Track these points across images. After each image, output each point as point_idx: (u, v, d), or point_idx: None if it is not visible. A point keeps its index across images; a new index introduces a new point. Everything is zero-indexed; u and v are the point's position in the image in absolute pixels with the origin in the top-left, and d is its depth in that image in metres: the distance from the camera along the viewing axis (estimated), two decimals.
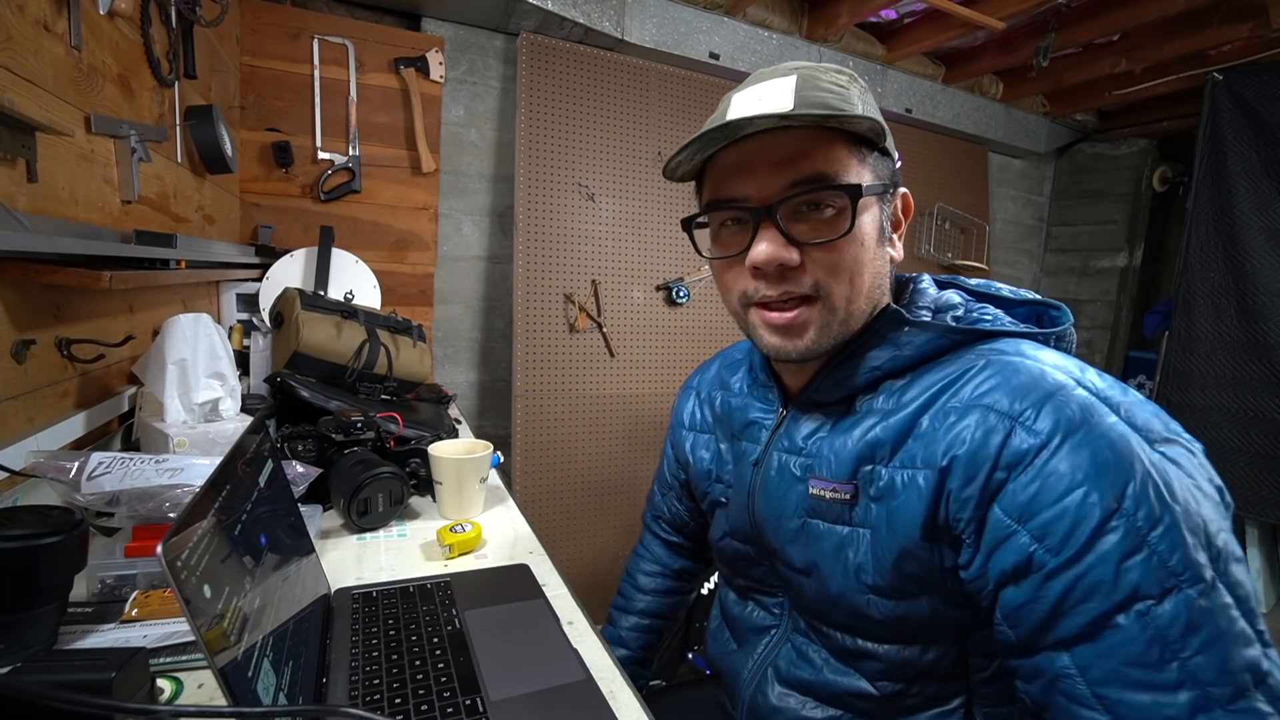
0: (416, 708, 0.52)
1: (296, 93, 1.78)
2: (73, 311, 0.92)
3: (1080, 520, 0.45)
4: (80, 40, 0.89)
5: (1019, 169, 3.24)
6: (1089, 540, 0.44)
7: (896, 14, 2.27)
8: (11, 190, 0.75)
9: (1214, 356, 2.47)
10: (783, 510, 0.62)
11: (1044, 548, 0.46)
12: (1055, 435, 0.47)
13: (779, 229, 0.55)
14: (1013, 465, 0.48)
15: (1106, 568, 0.44)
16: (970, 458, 0.49)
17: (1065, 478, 0.45)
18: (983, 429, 0.49)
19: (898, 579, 0.54)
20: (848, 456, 0.57)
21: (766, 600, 0.69)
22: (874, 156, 0.57)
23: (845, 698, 0.60)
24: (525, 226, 1.98)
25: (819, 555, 0.59)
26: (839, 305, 0.56)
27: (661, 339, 2.22)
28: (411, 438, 1.06)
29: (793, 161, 0.55)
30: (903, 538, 0.53)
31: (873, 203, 0.57)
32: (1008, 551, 0.47)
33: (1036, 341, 0.57)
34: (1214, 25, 2.06)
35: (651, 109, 2.15)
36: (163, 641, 0.57)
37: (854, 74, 0.59)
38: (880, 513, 0.55)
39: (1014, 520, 0.47)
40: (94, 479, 0.69)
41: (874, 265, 0.57)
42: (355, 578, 0.75)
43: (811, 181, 0.54)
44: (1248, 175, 2.36)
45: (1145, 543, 0.43)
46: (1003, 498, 0.48)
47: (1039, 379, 0.50)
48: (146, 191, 1.11)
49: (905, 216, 0.62)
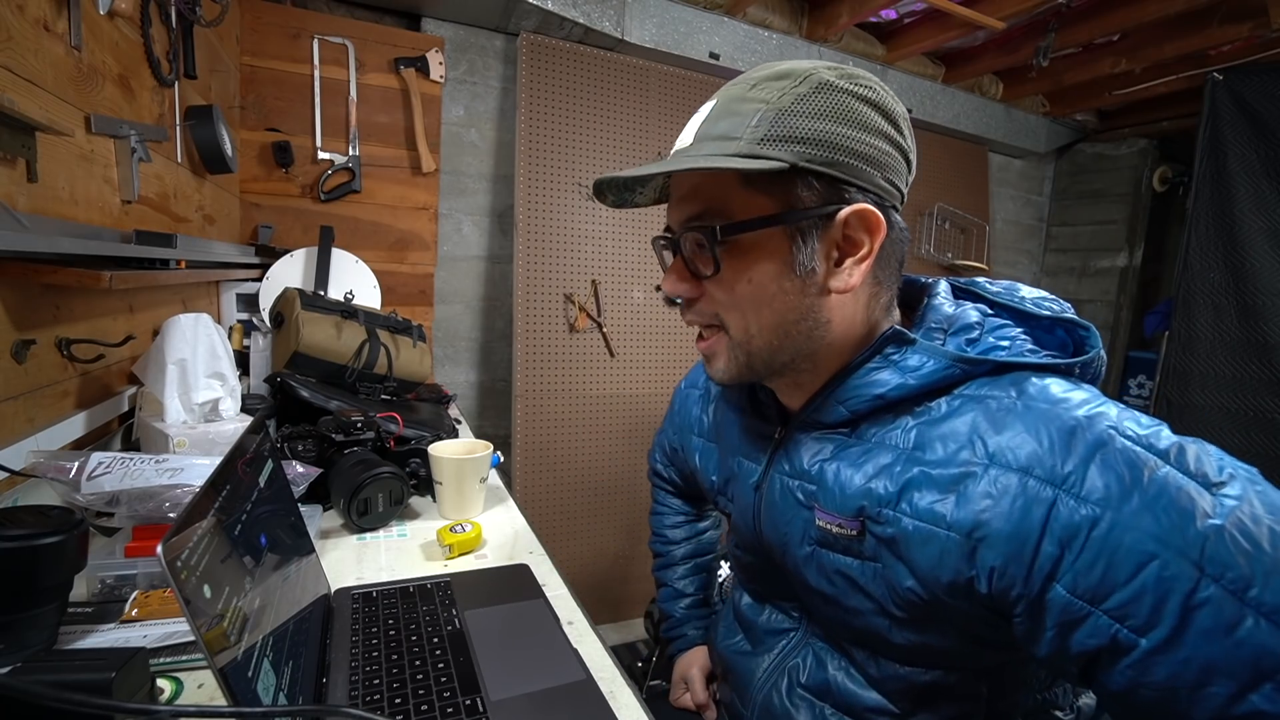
0: (416, 708, 0.52)
1: (296, 93, 1.78)
2: (73, 311, 0.92)
3: (1164, 596, 0.40)
4: (80, 40, 0.89)
5: (1019, 169, 3.24)
6: (1181, 617, 0.39)
7: (896, 14, 2.27)
8: (11, 190, 0.75)
9: (1214, 356, 2.47)
10: (789, 537, 0.59)
11: (1128, 629, 0.41)
12: (1109, 503, 0.42)
13: (684, 261, 0.56)
14: (1067, 541, 0.43)
15: (1215, 645, 0.39)
16: (1011, 533, 0.44)
17: (1134, 550, 0.41)
18: (1022, 498, 0.44)
19: (918, 612, 0.52)
20: (854, 492, 0.53)
21: (785, 605, 0.67)
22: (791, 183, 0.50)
23: (862, 711, 0.58)
24: (525, 226, 1.98)
25: (834, 581, 0.57)
26: (738, 337, 0.55)
27: (661, 339, 2.22)
28: (411, 438, 1.06)
29: (689, 196, 0.55)
30: (923, 586, 0.50)
31: (774, 236, 0.51)
32: (1087, 634, 0.43)
33: (1061, 375, 0.51)
34: (1214, 25, 2.06)
35: (651, 109, 2.15)
36: (163, 641, 0.57)
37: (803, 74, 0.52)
38: (893, 555, 0.51)
39: (1085, 602, 0.42)
40: (94, 479, 0.69)
41: (783, 300, 0.53)
42: (355, 578, 0.75)
43: (695, 218, 0.54)
44: (1248, 175, 2.36)
45: (1245, 606, 0.38)
46: (1062, 577, 0.43)
47: (1076, 434, 0.45)
48: (146, 191, 1.11)
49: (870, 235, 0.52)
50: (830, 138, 0.50)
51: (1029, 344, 0.54)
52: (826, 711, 0.60)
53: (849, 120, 0.51)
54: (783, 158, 0.49)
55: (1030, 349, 0.53)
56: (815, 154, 0.50)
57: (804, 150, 0.49)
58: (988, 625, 0.49)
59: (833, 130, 0.50)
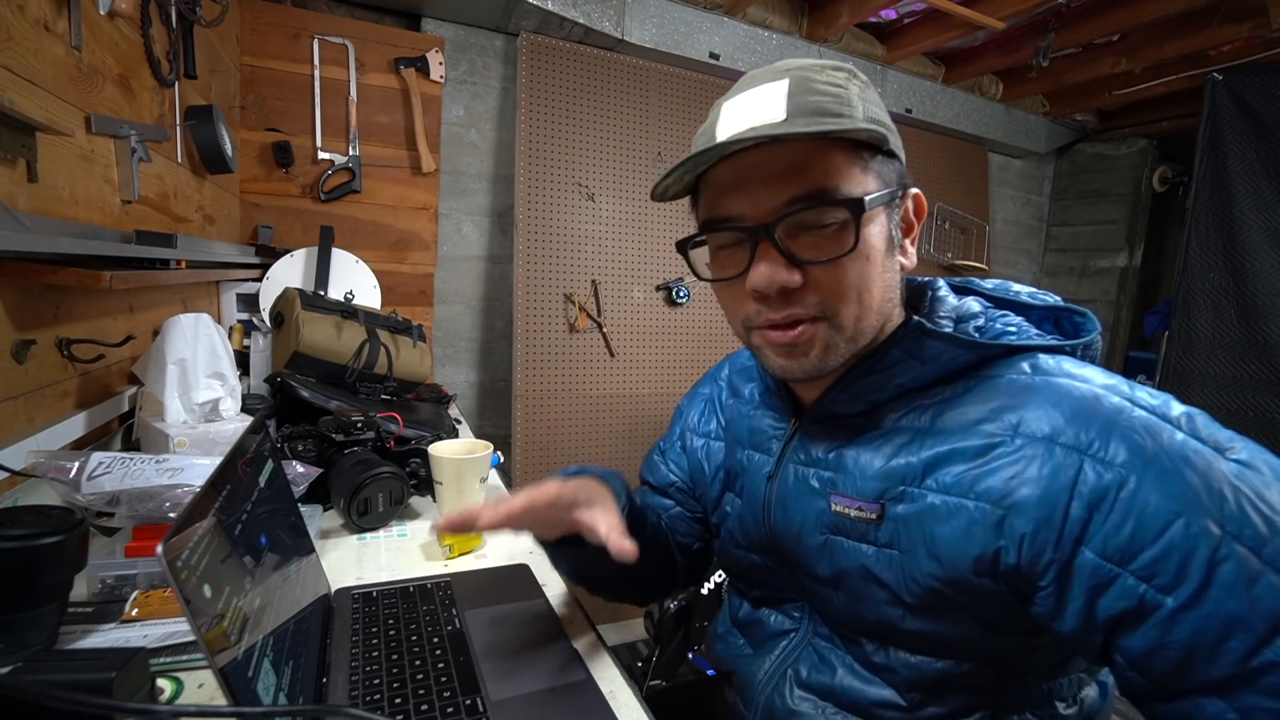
0: (416, 708, 0.52)
1: (296, 93, 1.78)
2: (73, 311, 0.92)
3: (1190, 555, 0.41)
4: (80, 40, 0.89)
5: (1019, 169, 3.24)
6: (1207, 573, 0.41)
7: (896, 14, 2.27)
8: (11, 190, 0.75)
9: (1214, 356, 2.47)
10: (803, 526, 0.59)
11: (1155, 588, 0.42)
12: (1134, 465, 0.44)
13: (779, 249, 0.51)
14: (1095, 503, 0.44)
15: (1237, 600, 0.40)
16: (1041, 498, 0.46)
17: (1160, 510, 0.42)
18: (1050, 465, 0.46)
19: (933, 600, 0.52)
20: (875, 474, 0.54)
21: (786, 607, 0.66)
22: (878, 160, 0.53)
23: (868, 707, 0.58)
24: (525, 226, 1.98)
25: (845, 571, 0.56)
26: (847, 325, 0.53)
27: (661, 339, 2.22)
28: (411, 438, 1.06)
29: (789, 176, 0.51)
30: (946, 566, 0.50)
31: (879, 212, 0.53)
32: (1114, 597, 0.44)
33: (1067, 354, 0.54)
34: (1214, 25, 2.06)
35: (651, 109, 2.15)
36: (163, 641, 0.57)
37: (852, 69, 0.55)
38: (914, 535, 0.52)
39: (1114, 564, 0.44)
40: (94, 479, 0.69)
41: (883, 279, 0.54)
42: (355, 578, 0.75)
43: (810, 198, 0.50)
44: (1248, 175, 2.36)
45: (1263, 563, 0.40)
46: (1092, 540, 0.44)
47: (1096, 403, 0.47)
48: (146, 191, 1.11)
49: (918, 218, 0.57)
50: (893, 127, 0.54)
51: (1034, 329, 0.56)
52: (830, 711, 0.60)
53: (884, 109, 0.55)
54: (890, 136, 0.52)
55: (1036, 333, 0.56)
56: (896, 140, 0.54)
57: (888, 135, 0.52)
58: (1003, 609, 0.50)
59: (890, 122, 0.54)
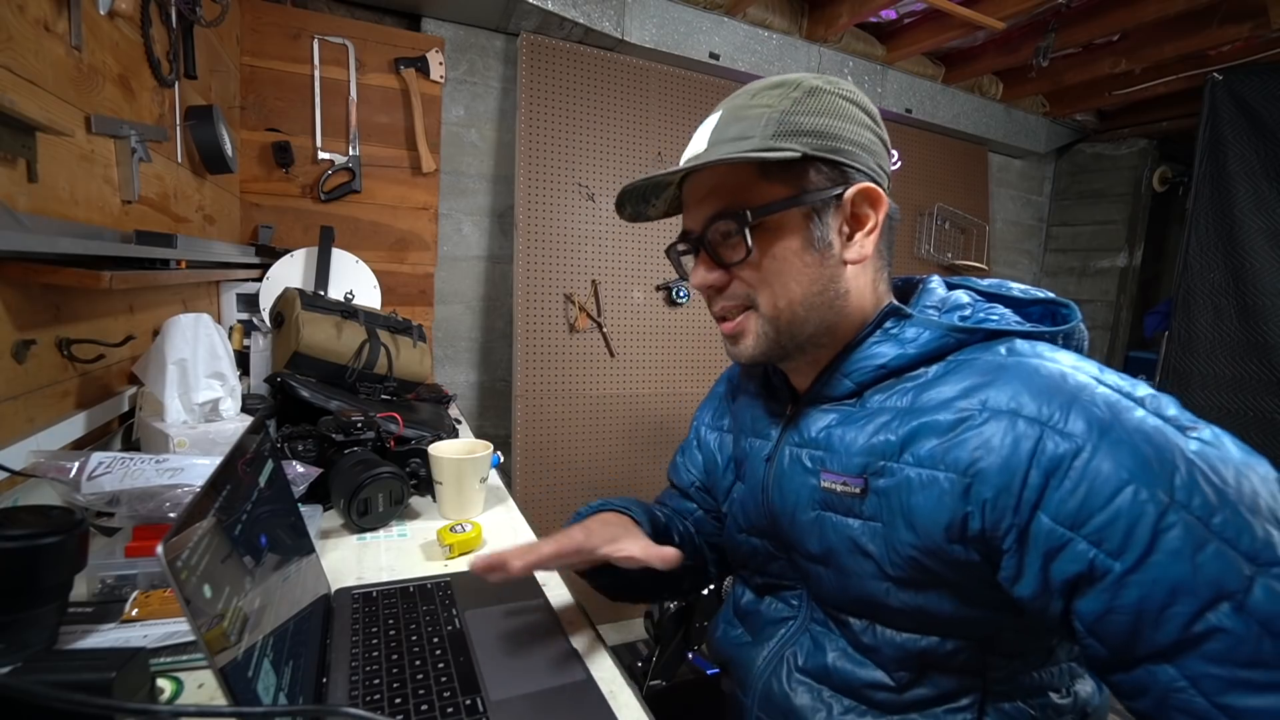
0: (416, 708, 0.52)
1: (296, 93, 1.78)
2: (73, 311, 0.92)
3: (1137, 519, 0.44)
4: (80, 40, 0.89)
5: (1019, 169, 3.24)
6: (1151, 539, 0.43)
7: (896, 14, 2.27)
8: (11, 190, 0.75)
9: (1214, 357, 2.47)
10: (797, 503, 0.63)
11: (1104, 552, 0.45)
12: (1090, 436, 0.46)
13: (710, 255, 0.62)
14: (1051, 471, 0.47)
15: (1181, 566, 0.42)
16: (1002, 466, 0.49)
17: (1111, 478, 0.45)
18: (1011, 435, 0.49)
19: (917, 570, 0.54)
20: (858, 450, 0.58)
21: (785, 594, 0.70)
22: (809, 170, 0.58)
23: (860, 688, 0.60)
24: (525, 226, 1.98)
25: (834, 546, 0.60)
26: (768, 312, 0.61)
27: (661, 339, 2.22)
28: (411, 438, 1.06)
29: (709, 197, 0.61)
30: (922, 535, 0.53)
31: (794, 216, 0.58)
32: (1066, 560, 0.46)
33: (1047, 341, 0.57)
34: (1214, 25, 2.06)
35: (651, 109, 2.15)
36: (163, 641, 0.57)
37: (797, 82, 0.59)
38: (894, 507, 0.55)
39: (1066, 528, 0.46)
40: (94, 479, 0.69)
41: (807, 273, 0.59)
42: (355, 578, 0.75)
43: (718, 215, 0.60)
44: (1248, 175, 2.36)
45: (1210, 532, 0.42)
46: (1047, 505, 0.47)
47: (1061, 381, 0.50)
48: (147, 191, 1.11)
49: (875, 209, 0.59)
50: (830, 130, 0.58)
51: (1016, 317, 0.60)
52: (825, 693, 0.62)
53: (841, 115, 0.59)
54: (794, 149, 0.56)
55: (1017, 320, 0.60)
56: (820, 144, 0.57)
57: (810, 141, 0.57)
58: (979, 580, 0.53)
59: (830, 124, 0.58)
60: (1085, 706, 0.61)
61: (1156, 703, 0.45)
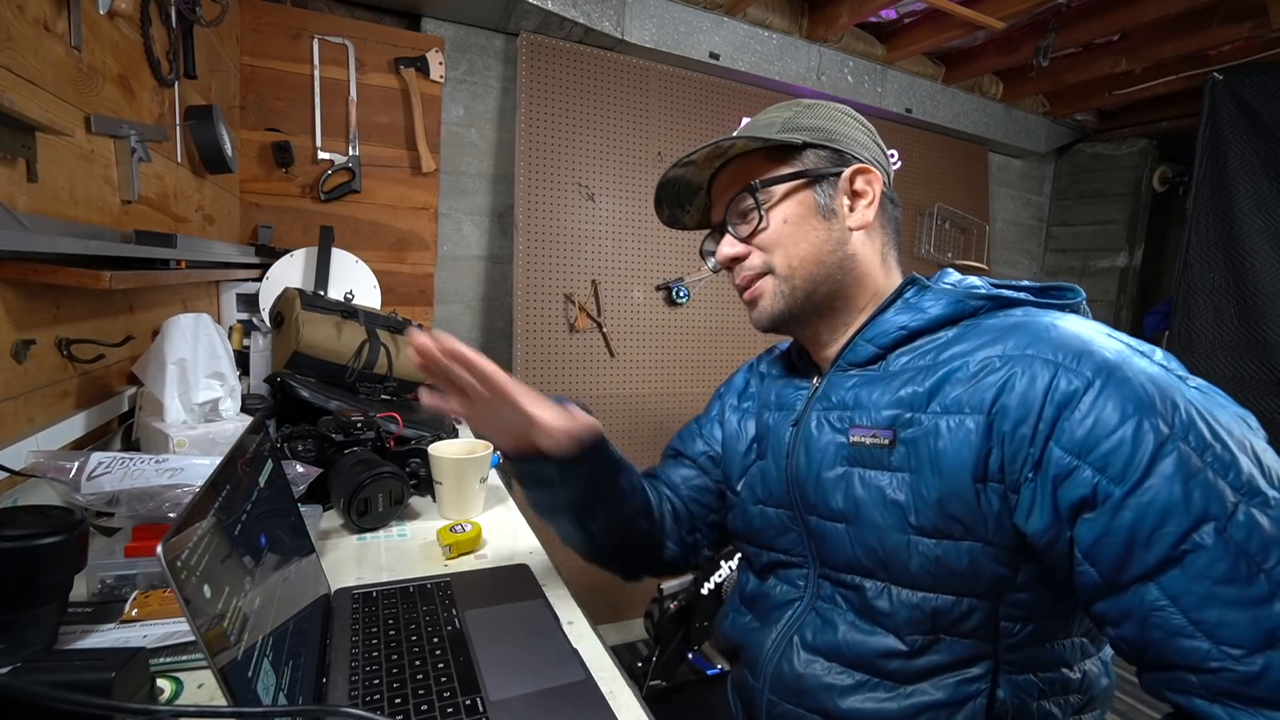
0: (416, 708, 0.52)
1: (296, 93, 1.78)
2: (73, 311, 0.92)
3: (1137, 447, 0.48)
4: (80, 40, 0.89)
5: (1019, 169, 3.24)
6: (1149, 465, 0.47)
7: (896, 14, 2.27)
8: (11, 190, 0.75)
9: (1214, 356, 2.47)
10: (823, 462, 0.65)
11: (1107, 478, 0.49)
12: (1099, 375, 0.51)
13: (730, 233, 0.70)
14: (1063, 405, 0.51)
15: (1173, 489, 0.46)
16: (1020, 400, 0.53)
17: (1116, 411, 0.49)
18: (1028, 374, 0.54)
19: (941, 519, 0.57)
20: (886, 403, 0.62)
21: (791, 574, 0.71)
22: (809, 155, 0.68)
23: (872, 659, 0.61)
24: (525, 226, 1.98)
25: (861, 499, 0.62)
26: (783, 271, 0.68)
27: (661, 339, 2.22)
28: (411, 438, 1.06)
29: (730, 186, 0.71)
30: (950, 479, 0.56)
31: (799, 188, 0.67)
32: (1073, 486, 0.50)
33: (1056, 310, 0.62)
34: (1214, 25, 2.06)
35: (651, 109, 2.15)
36: (163, 641, 0.57)
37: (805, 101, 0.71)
38: (922, 455, 0.58)
39: (1074, 456, 0.50)
40: (94, 479, 0.69)
41: (813, 235, 0.67)
42: (355, 578, 0.75)
43: (734, 197, 0.69)
44: (1248, 175, 2.36)
45: (1203, 463, 0.47)
46: (1059, 436, 0.51)
47: (1074, 335, 0.55)
48: (146, 191, 1.11)
49: (871, 185, 0.68)
50: (827, 128, 0.69)
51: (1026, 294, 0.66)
52: (836, 669, 0.63)
53: (836, 120, 0.70)
54: (796, 138, 0.67)
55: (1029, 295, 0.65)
56: (818, 136, 0.68)
57: (810, 134, 0.68)
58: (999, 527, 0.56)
59: (827, 124, 0.69)
60: (1093, 686, 0.62)
61: (1139, 625, 0.49)
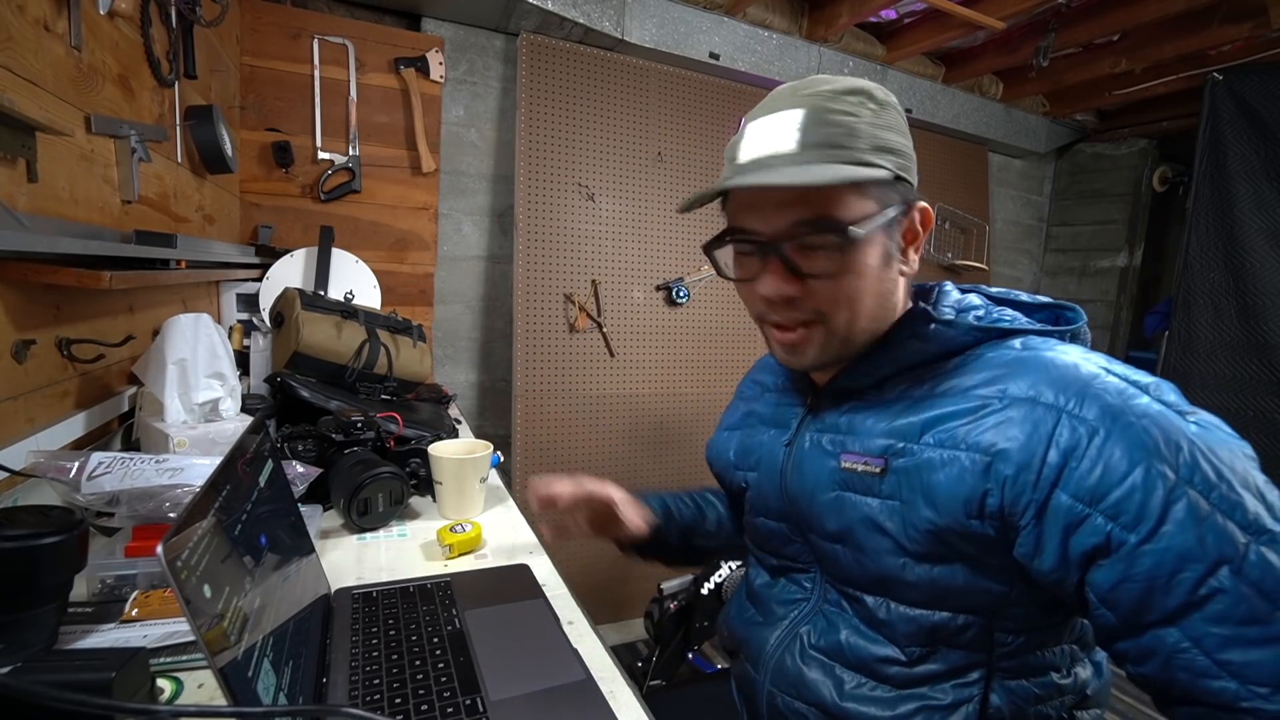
0: (416, 708, 0.52)
1: (296, 93, 1.78)
2: (73, 311, 0.92)
3: (1149, 494, 0.48)
4: (80, 40, 0.89)
5: (1019, 169, 3.24)
6: (1162, 512, 0.47)
7: (896, 14, 2.27)
8: (11, 190, 0.75)
9: (1214, 357, 2.47)
10: (816, 485, 0.65)
11: (1120, 525, 0.48)
12: (1104, 421, 0.50)
13: (783, 263, 0.59)
14: (1069, 452, 0.51)
15: (1187, 535, 0.46)
16: (1022, 445, 0.52)
17: (1124, 458, 0.49)
18: (1031, 420, 0.53)
19: (932, 545, 0.57)
20: (880, 433, 0.61)
21: (799, 576, 0.71)
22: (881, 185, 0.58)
23: (872, 663, 0.62)
24: (525, 226, 1.98)
25: (852, 524, 0.62)
26: (839, 329, 0.61)
27: (661, 339, 2.22)
28: (411, 438, 1.06)
29: (796, 201, 0.57)
30: (941, 511, 0.56)
31: (876, 234, 0.58)
32: (1086, 534, 0.50)
33: (1055, 339, 0.61)
34: (1214, 25, 2.06)
35: (651, 109, 2.15)
36: (163, 641, 0.57)
37: (869, 90, 0.60)
38: (913, 485, 0.58)
39: (1085, 504, 0.50)
40: (94, 479, 0.69)
41: (877, 288, 0.61)
42: (355, 578, 0.75)
43: (811, 223, 0.57)
44: (1248, 175, 2.36)
45: (1211, 505, 0.47)
46: (1066, 483, 0.51)
47: (1074, 371, 0.54)
48: (146, 191, 1.11)
49: (924, 228, 0.63)
50: (903, 149, 0.60)
51: (1025, 319, 0.64)
52: (837, 669, 0.64)
53: (904, 132, 0.61)
54: (888, 166, 0.58)
55: (1028, 320, 0.64)
56: (900, 163, 0.59)
57: (894, 160, 0.58)
58: (991, 553, 0.56)
59: (902, 143, 0.60)
60: (1085, 688, 0.63)
61: (1162, 665, 0.48)
